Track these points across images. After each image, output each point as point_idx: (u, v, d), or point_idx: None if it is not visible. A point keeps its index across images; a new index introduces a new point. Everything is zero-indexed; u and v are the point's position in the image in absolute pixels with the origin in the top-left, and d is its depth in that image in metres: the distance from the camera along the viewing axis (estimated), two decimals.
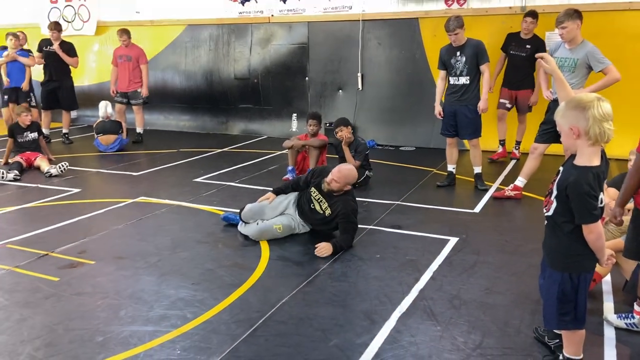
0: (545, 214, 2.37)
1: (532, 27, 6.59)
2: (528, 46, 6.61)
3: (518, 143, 7.05)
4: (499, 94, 6.94)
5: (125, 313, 3.12)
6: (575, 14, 4.64)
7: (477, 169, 5.69)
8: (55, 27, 8.37)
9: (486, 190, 5.49)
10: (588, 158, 2.21)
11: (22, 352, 2.73)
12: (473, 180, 5.80)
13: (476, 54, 5.32)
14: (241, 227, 4.38)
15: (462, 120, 5.46)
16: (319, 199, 4.27)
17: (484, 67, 5.36)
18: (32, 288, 3.43)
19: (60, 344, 2.80)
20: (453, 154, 5.76)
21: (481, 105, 5.40)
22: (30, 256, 3.94)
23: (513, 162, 6.92)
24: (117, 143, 7.74)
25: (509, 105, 6.90)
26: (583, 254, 2.27)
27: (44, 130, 8.00)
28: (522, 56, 6.66)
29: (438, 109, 5.61)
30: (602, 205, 2.23)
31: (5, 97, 8.25)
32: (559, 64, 4.80)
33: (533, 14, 6.58)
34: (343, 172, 4.15)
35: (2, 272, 3.67)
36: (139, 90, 8.42)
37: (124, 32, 8.37)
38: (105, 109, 7.91)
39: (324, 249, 3.95)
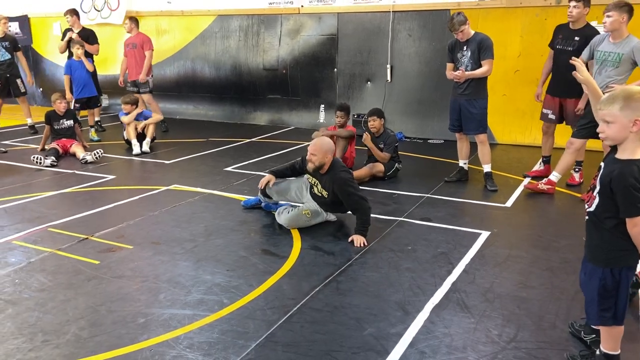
0: (587, 210, 2.36)
1: (577, 12, 5.24)
2: (577, 38, 5.26)
3: (578, 164, 5.52)
4: (542, 102, 5.88)
5: (165, 296, 3.21)
6: (625, 6, 4.53)
7: (487, 168, 5.47)
8: (71, 12, 8.44)
9: (496, 192, 5.35)
10: (632, 151, 2.20)
11: (68, 332, 2.84)
12: (505, 174, 5.76)
13: (479, 50, 5.18)
14: (277, 217, 4.44)
15: (465, 114, 5.38)
16: (314, 182, 4.33)
17: (484, 62, 5.19)
18: (74, 270, 3.56)
19: (104, 324, 2.90)
20: (463, 149, 5.69)
21: (458, 72, 5.22)
22: (71, 240, 4.07)
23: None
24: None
25: (552, 117, 5.63)
26: (626, 249, 2.25)
27: None
28: (570, 51, 5.20)
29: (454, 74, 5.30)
30: None
31: (77, 105, 8.02)
32: (602, 57, 4.70)
33: None
34: (317, 144, 4.08)
35: (45, 254, 3.80)
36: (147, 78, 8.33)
37: (130, 19, 8.43)
38: None
39: (358, 240, 3.98)
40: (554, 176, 5.19)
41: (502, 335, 2.83)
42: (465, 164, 5.73)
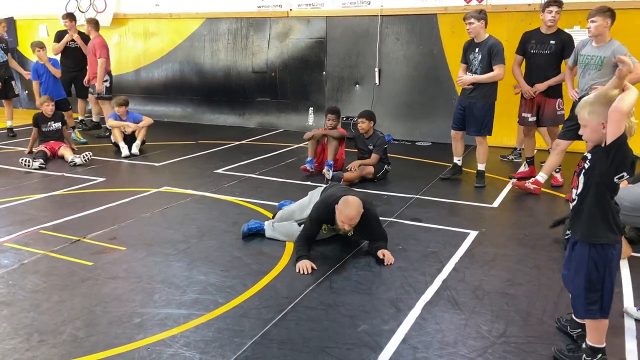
0: (573, 196, 2.49)
1: (559, 17, 5.52)
2: (552, 42, 5.57)
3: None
4: (519, 106, 6.00)
5: (159, 297, 3.24)
6: (608, 12, 4.68)
7: (481, 167, 5.70)
8: (69, 16, 8.59)
9: (482, 188, 5.60)
10: None
11: (64, 332, 2.85)
12: (491, 175, 5.88)
13: (490, 54, 5.33)
14: (270, 232, 4.21)
15: (470, 116, 5.54)
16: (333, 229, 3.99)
17: (495, 67, 5.34)
18: (68, 272, 3.56)
19: (99, 325, 2.92)
20: (458, 148, 5.84)
21: (463, 76, 5.48)
22: (63, 241, 4.07)
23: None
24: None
25: (532, 119, 5.82)
26: (604, 222, 2.37)
27: None
28: (546, 54, 5.59)
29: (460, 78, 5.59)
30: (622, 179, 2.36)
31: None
32: (585, 61, 4.84)
33: (558, 3, 5.50)
34: (349, 214, 3.65)
35: (38, 256, 3.80)
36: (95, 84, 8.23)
37: (87, 21, 8.43)
38: None
39: (389, 258, 3.77)
40: (541, 177, 5.31)
41: (492, 330, 2.91)
42: (459, 160, 5.88)
